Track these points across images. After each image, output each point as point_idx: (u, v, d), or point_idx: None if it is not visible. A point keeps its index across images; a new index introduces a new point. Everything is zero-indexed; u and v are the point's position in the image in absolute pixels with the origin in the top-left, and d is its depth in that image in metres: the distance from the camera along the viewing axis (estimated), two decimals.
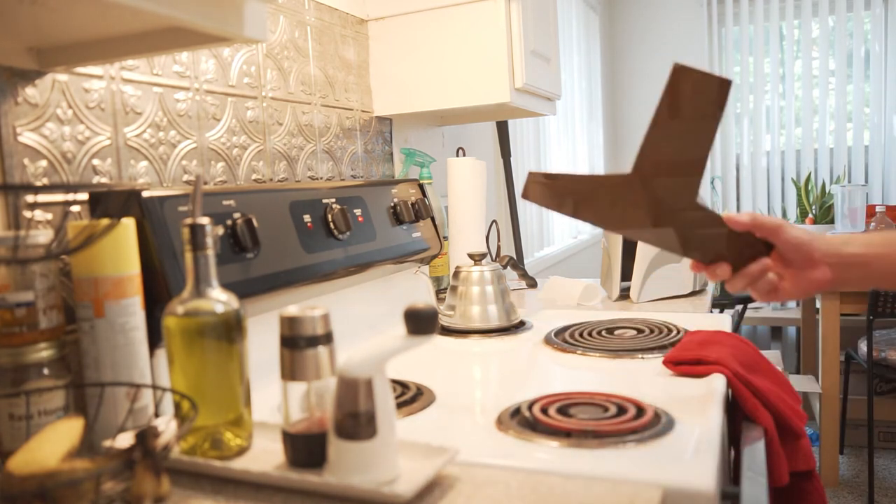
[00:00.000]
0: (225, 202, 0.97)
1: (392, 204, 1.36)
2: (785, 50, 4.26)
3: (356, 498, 0.64)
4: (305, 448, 0.69)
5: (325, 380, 0.69)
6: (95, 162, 0.92)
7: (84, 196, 0.89)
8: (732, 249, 0.82)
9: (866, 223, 2.90)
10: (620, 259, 1.61)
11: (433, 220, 1.49)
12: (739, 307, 3.73)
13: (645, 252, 1.56)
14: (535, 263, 2.79)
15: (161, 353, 0.85)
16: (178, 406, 0.72)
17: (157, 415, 0.79)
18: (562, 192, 0.79)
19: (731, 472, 1.03)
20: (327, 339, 0.69)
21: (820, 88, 4.18)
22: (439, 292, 1.68)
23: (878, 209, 2.86)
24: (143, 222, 0.83)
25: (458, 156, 1.89)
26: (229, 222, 0.95)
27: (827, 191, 3.23)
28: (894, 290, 2.54)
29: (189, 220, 0.72)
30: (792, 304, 4.32)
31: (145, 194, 0.85)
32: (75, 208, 0.89)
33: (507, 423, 0.82)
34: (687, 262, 1.59)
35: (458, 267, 1.37)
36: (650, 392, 0.93)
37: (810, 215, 3.20)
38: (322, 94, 1.41)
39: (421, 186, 1.50)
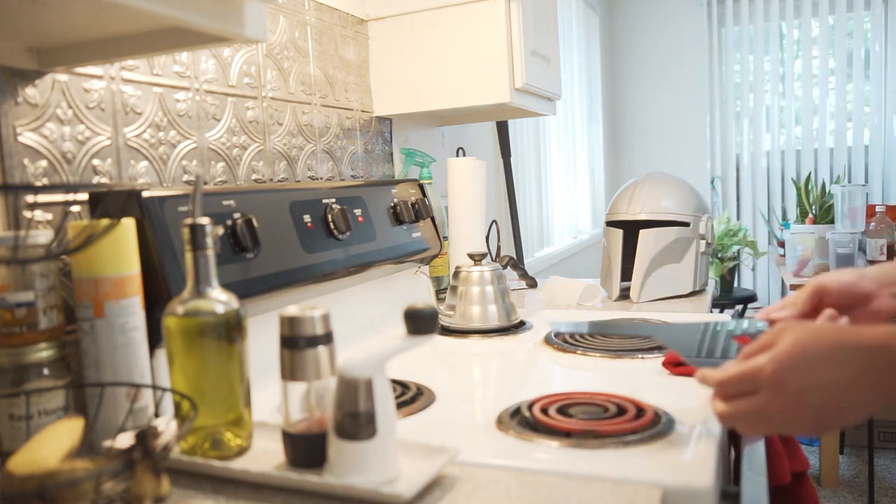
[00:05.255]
0: (225, 202, 0.97)
1: (392, 204, 1.36)
2: (785, 49, 4.26)
3: (356, 498, 0.64)
4: (305, 448, 0.69)
5: (325, 380, 0.69)
6: (95, 162, 0.92)
7: (84, 196, 0.89)
8: None
9: (866, 223, 2.90)
10: (620, 259, 1.61)
11: (433, 220, 1.49)
12: (739, 307, 3.74)
13: (645, 252, 1.56)
14: (535, 263, 2.79)
15: (161, 353, 0.84)
16: (178, 406, 0.72)
17: (157, 415, 0.79)
18: None
19: (731, 472, 1.03)
20: (327, 339, 0.69)
21: (820, 88, 4.18)
22: (439, 292, 1.68)
23: (878, 209, 2.86)
24: (143, 222, 0.83)
25: (458, 156, 1.89)
26: (229, 222, 0.95)
27: (827, 191, 3.23)
28: None
29: (189, 220, 0.72)
30: None
31: (145, 194, 0.85)
32: (75, 208, 0.89)
33: (507, 423, 0.82)
34: (687, 261, 1.59)
35: (458, 267, 1.37)
36: (650, 392, 0.93)
37: (810, 215, 3.19)
38: (322, 94, 1.41)
39: (421, 186, 1.50)
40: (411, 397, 0.93)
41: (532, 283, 1.83)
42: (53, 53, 0.84)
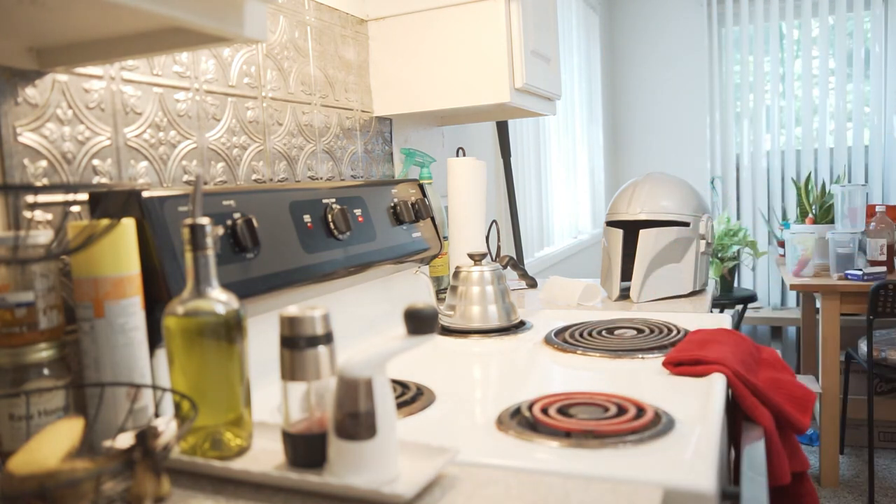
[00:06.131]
0: (225, 202, 0.97)
1: (392, 204, 1.36)
2: (785, 49, 4.26)
3: (356, 498, 0.64)
4: (305, 448, 0.69)
5: (325, 380, 0.69)
6: (95, 162, 0.92)
7: (84, 196, 0.89)
8: None
9: (866, 223, 2.90)
10: (620, 259, 1.61)
11: (433, 220, 1.49)
12: (739, 307, 3.74)
13: (645, 252, 1.56)
14: (535, 263, 2.79)
15: (161, 353, 0.85)
16: (178, 406, 0.72)
17: (157, 415, 0.79)
18: None
19: (731, 472, 1.03)
20: (327, 339, 0.69)
21: (820, 88, 4.18)
22: (439, 292, 1.68)
23: (878, 209, 2.86)
24: (143, 222, 0.83)
25: (458, 156, 1.89)
26: (229, 222, 0.95)
27: (827, 191, 3.23)
28: None
29: (189, 220, 0.72)
30: (792, 303, 4.32)
31: (145, 194, 0.85)
32: (75, 208, 0.89)
33: (507, 423, 0.82)
34: (687, 261, 1.58)
35: (458, 267, 1.37)
36: (650, 392, 0.93)
37: (810, 215, 3.19)
38: (322, 94, 1.41)
39: (421, 186, 1.50)
40: (411, 397, 0.93)
41: (532, 283, 1.83)
42: (53, 53, 0.84)
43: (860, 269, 2.72)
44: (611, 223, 1.68)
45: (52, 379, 0.73)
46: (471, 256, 1.36)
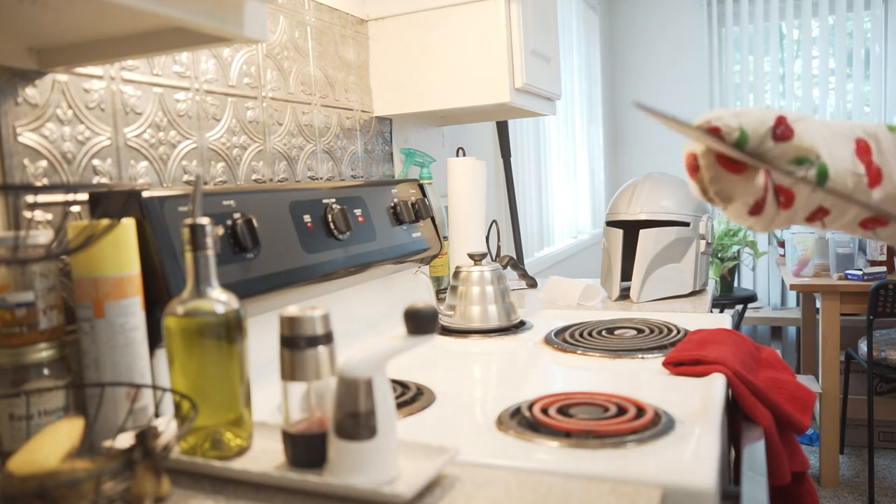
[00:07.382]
0: (225, 202, 0.97)
1: (392, 204, 1.36)
2: (785, 49, 4.26)
3: (356, 498, 0.64)
4: (305, 448, 0.69)
5: (325, 380, 0.69)
6: (95, 162, 0.92)
7: (84, 196, 0.89)
8: None
9: None
10: (620, 259, 1.61)
11: (433, 220, 1.49)
12: (739, 307, 3.73)
13: (645, 252, 1.56)
14: (535, 263, 2.79)
15: (161, 353, 0.85)
16: (178, 406, 0.72)
17: (157, 415, 0.79)
18: None
19: (731, 472, 1.03)
20: (327, 339, 0.69)
21: (820, 88, 4.18)
22: (439, 292, 1.68)
23: None
24: (143, 222, 0.83)
25: (458, 156, 1.89)
26: (229, 222, 0.95)
27: None
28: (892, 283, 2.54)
29: (189, 220, 0.72)
30: (792, 303, 4.32)
31: (145, 194, 0.85)
32: (75, 208, 0.89)
33: (507, 423, 0.82)
34: (687, 261, 1.58)
35: (458, 267, 1.37)
36: (650, 392, 0.93)
37: None
38: (322, 94, 1.41)
39: (421, 186, 1.50)
40: (411, 397, 0.93)
41: (532, 283, 1.83)
42: (53, 53, 0.84)
43: (860, 269, 2.72)
44: (611, 223, 1.68)
45: (52, 379, 0.73)
46: (471, 256, 1.36)
